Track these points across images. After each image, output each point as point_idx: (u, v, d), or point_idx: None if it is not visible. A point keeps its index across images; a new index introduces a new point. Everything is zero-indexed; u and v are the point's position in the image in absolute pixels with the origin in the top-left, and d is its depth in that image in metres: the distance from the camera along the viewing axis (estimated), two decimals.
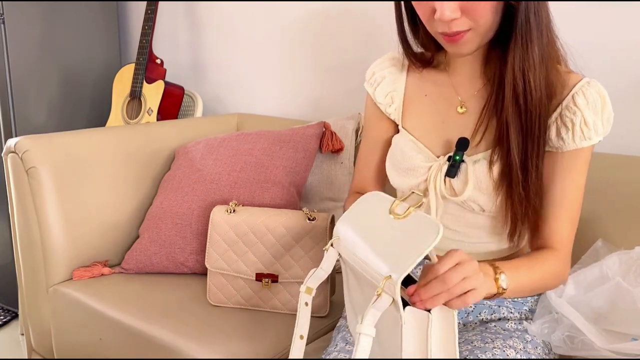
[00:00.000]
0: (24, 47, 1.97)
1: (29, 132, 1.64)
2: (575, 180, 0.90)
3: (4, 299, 2.06)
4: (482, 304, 0.96)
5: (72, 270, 1.42)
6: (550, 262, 0.90)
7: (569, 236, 0.92)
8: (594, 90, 0.87)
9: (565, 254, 0.92)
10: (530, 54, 0.82)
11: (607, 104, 0.88)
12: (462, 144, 0.92)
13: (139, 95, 1.98)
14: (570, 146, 0.88)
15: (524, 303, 0.97)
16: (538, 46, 0.83)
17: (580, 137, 0.87)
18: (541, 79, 0.84)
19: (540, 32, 0.83)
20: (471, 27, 0.83)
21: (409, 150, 0.98)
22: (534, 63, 0.83)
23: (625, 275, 0.92)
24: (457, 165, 0.91)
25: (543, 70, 0.84)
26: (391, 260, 0.73)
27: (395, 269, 0.71)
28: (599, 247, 1.11)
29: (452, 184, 0.92)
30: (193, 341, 1.13)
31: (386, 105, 1.04)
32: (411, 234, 0.75)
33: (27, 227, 1.41)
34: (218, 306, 1.25)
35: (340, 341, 0.91)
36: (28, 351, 1.54)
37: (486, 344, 0.87)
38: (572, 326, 0.89)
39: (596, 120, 0.87)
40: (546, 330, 0.91)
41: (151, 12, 1.95)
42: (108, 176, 1.49)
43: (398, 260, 0.72)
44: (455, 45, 0.85)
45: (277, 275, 1.21)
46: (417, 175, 0.95)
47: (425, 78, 1.01)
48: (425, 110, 1.00)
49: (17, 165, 1.39)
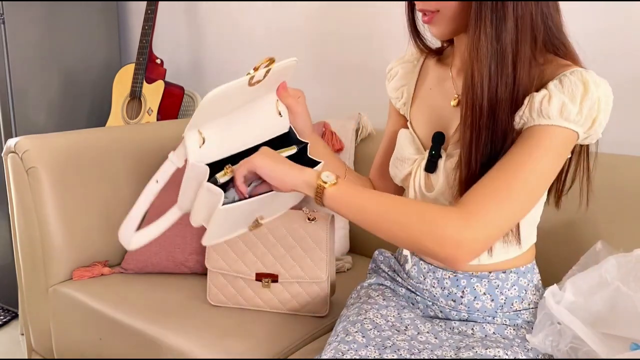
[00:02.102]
0: (24, 47, 1.97)
1: (29, 132, 1.64)
2: (521, 155, 0.79)
3: (4, 299, 2.07)
4: (476, 315, 0.95)
5: (72, 270, 1.42)
6: (430, 206, 0.79)
7: (483, 198, 0.77)
8: (576, 77, 0.80)
9: (469, 209, 0.77)
10: (480, 44, 0.80)
11: (592, 93, 0.79)
12: (438, 138, 0.93)
13: (139, 95, 1.98)
14: (529, 122, 0.81)
15: (518, 316, 0.95)
16: (490, 37, 0.79)
17: (537, 112, 0.80)
18: (499, 72, 0.80)
19: (496, 23, 0.79)
20: (438, 9, 0.85)
21: (404, 141, 0.99)
22: (483, 52, 0.80)
23: (625, 279, 0.90)
24: (434, 160, 0.92)
25: (504, 64, 0.80)
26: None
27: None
28: (599, 248, 1.10)
29: (431, 179, 0.93)
30: (193, 341, 1.13)
31: (396, 100, 1.06)
32: None
33: (27, 227, 1.41)
34: (218, 306, 1.25)
35: (341, 331, 0.91)
36: (28, 351, 1.54)
37: (487, 349, 0.87)
38: (575, 337, 0.87)
39: (568, 103, 0.79)
40: (549, 343, 0.88)
41: (151, 12, 1.95)
42: (108, 176, 1.49)
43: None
44: (431, 26, 0.89)
45: (277, 275, 1.21)
46: (405, 167, 0.97)
47: (432, 73, 1.02)
48: (427, 104, 1.01)
49: (17, 165, 1.39)
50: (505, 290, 0.94)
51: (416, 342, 0.89)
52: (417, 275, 1.00)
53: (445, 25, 0.87)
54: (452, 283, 0.96)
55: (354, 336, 0.88)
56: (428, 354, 0.86)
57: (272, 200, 0.86)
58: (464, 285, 0.95)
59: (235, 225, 0.88)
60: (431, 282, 0.98)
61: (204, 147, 0.81)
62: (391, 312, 0.96)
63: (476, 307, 0.95)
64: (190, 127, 0.80)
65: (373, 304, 0.98)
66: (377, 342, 0.87)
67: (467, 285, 0.95)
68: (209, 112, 0.79)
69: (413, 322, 0.94)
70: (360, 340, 0.87)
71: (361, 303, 1.00)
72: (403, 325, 0.93)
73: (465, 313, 0.95)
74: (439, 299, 0.97)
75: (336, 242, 1.49)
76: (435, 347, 0.89)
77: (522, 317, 0.95)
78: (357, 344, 0.86)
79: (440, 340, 0.91)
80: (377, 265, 1.11)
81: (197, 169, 0.81)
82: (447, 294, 0.96)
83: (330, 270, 1.21)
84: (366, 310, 0.96)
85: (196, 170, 0.82)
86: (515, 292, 0.95)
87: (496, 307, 0.94)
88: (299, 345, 1.15)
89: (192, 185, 0.83)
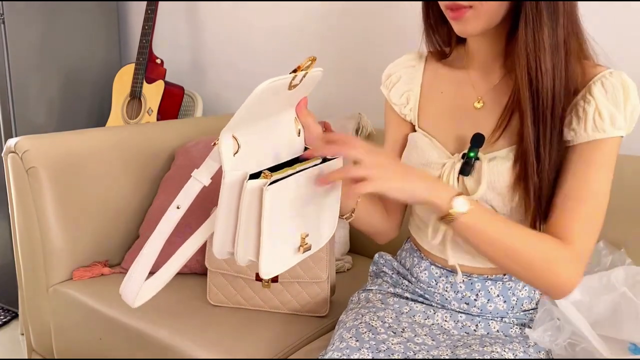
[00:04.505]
0: (24, 47, 1.97)
1: (29, 132, 1.64)
2: (590, 176, 0.83)
3: (4, 299, 2.06)
4: (486, 317, 0.95)
5: (72, 270, 1.42)
6: (549, 244, 0.82)
7: (583, 232, 0.83)
8: (616, 80, 0.82)
9: (577, 249, 0.82)
10: (541, 36, 0.80)
11: (632, 96, 0.82)
12: (477, 140, 0.89)
13: (139, 95, 1.98)
14: (582, 138, 0.83)
15: (526, 316, 0.95)
16: (549, 30, 0.80)
17: (592, 127, 0.82)
18: (556, 64, 0.81)
19: (552, 17, 0.80)
20: (472, 5, 0.82)
21: (424, 146, 0.96)
22: (545, 45, 0.81)
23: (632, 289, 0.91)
24: (471, 163, 0.88)
25: (559, 57, 0.82)
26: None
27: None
28: (601, 248, 1.10)
29: (465, 183, 0.90)
30: (193, 341, 1.13)
31: (401, 107, 1.03)
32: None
33: (27, 227, 1.41)
34: (218, 306, 1.25)
35: (337, 339, 0.90)
36: (28, 351, 1.54)
37: (484, 347, 0.87)
38: (574, 333, 0.88)
39: (615, 112, 0.81)
40: (548, 338, 0.89)
41: (151, 12, 1.95)
42: (108, 176, 1.49)
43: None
44: (458, 22, 0.85)
45: (277, 275, 1.21)
46: (431, 172, 0.93)
47: (441, 76, 1.00)
48: (441, 108, 0.98)
49: (17, 165, 1.38)
50: (517, 291, 0.94)
51: (412, 344, 0.88)
52: (429, 280, 0.98)
53: (478, 21, 0.84)
54: (466, 287, 0.94)
55: (347, 342, 0.88)
56: (424, 355, 0.86)
57: (313, 195, 0.77)
58: (478, 289, 0.94)
59: (286, 242, 0.76)
60: (444, 287, 0.96)
61: (238, 155, 0.72)
62: (389, 314, 0.95)
63: (489, 309, 0.94)
64: (227, 129, 0.70)
65: (370, 308, 0.97)
66: (370, 345, 0.86)
67: (482, 289, 0.94)
68: (250, 111, 0.70)
69: (411, 326, 0.93)
70: (353, 344, 0.87)
71: (359, 308, 0.99)
72: (400, 327, 0.92)
73: (475, 315, 0.95)
74: (451, 302, 0.96)
75: (336, 242, 1.49)
76: (432, 347, 0.89)
77: (529, 317, 0.95)
78: (350, 348, 0.86)
79: (438, 341, 0.91)
80: (379, 269, 1.09)
81: (235, 178, 0.71)
82: (460, 297, 0.95)
83: (330, 270, 1.21)
84: (362, 315, 0.95)
85: (234, 179, 0.71)
86: (525, 292, 0.94)
87: (508, 308, 0.94)
88: (299, 345, 1.15)
89: (233, 204, 0.72)
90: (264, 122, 0.74)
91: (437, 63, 1.02)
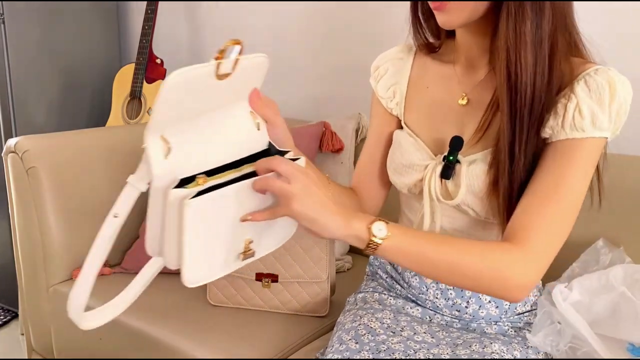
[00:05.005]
0: (24, 47, 1.97)
1: (29, 132, 1.64)
2: (564, 175, 0.78)
3: (4, 299, 2.06)
4: (476, 318, 0.94)
5: (72, 270, 1.42)
6: (494, 250, 0.77)
7: (543, 231, 0.77)
8: (602, 77, 0.78)
9: (532, 248, 0.76)
10: (523, 29, 0.77)
11: (619, 95, 0.77)
12: (456, 144, 0.87)
13: (139, 95, 1.98)
14: (559, 135, 0.79)
15: (520, 319, 0.95)
16: (533, 24, 0.77)
17: (570, 125, 0.78)
18: (538, 60, 0.78)
19: (537, 11, 0.77)
20: None
21: (408, 146, 0.94)
22: (526, 39, 0.77)
23: (630, 289, 0.91)
24: (451, 166, 0.87)
25: (542, 53, 0.78)
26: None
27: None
28: (600, 246, 1.10)
29: (447, 186, 0.88)
30: (193, 341, 1.13)
31: (388, 100, 1.00)
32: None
33: (27, 227, 1.41)
34: (218, 306, 1.25)
35: (336, 342, 0.90)
36: (28, 351, 1.54)
37: (484, 347, 0.86)
38: (574, 336, 0.87)
39: (597, 111, 0.77)
40: (549, 343, 0.88)
41: (151, 12, 1.95)
42: (108, 176, 1.49)
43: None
44: (441, 13, 0.82)
45: (277, 275, 1.21)
46: (414, 174, 0.92)
47: (429, 70, 0.97)
48: (426, 103, 0.96)
49: (17, 165, 1.38)
50: None
51: (412, 343, 0.88)
52: (419, 286, 0.97)
53: (460, 12, 0.81)
54: (456, 294, 0.94)
55: (347, 344, 0.87)
56: (424, 354, 0.85)
57: (253, 202, 0.71)
58: (469, 296, 0.93)
59: (220, 250, 0.72)
60: (434, 293, 0.95)
61: (170, 157, 0.66)
62: (387, 315, 0.95)
63: (481, 315, 0.94)
64: (150, 129, 0.64)
65: (368, 309, 0.97)
66: (370, 347, 0.86)
67: (473, 295, 0.93)
68: (171, 106, 0.64)
69: (410, 324, 0.93)
70: (353, 346, 0.87)
71: (357, 309, 0.99)
72: (399, 327, 0.92)
73: (469, 321, 0.95)
74: (442, 309, 0.95)
75: (336, 242, 1.49)
76: (432, 345, 0.88)
77: (524, 320, 0.95)
78: (350, 351, 0.86)
79: (437, 339, 0.90)
80: (374, 270, 1.08)
81: (163, 182, 0.65)
82: (451, 305, 0.94)
83: (330, 270, 1.21)
84: (361, 316, 0.95)
85: (161, 184, 0.66)
86: None
87: (501, 312, 0.94)
88: (299, 345, 1.15)
89: (159, 209, 0.67)
90: (201, 118, 0.69)
91: (426, 57, 0.99)
